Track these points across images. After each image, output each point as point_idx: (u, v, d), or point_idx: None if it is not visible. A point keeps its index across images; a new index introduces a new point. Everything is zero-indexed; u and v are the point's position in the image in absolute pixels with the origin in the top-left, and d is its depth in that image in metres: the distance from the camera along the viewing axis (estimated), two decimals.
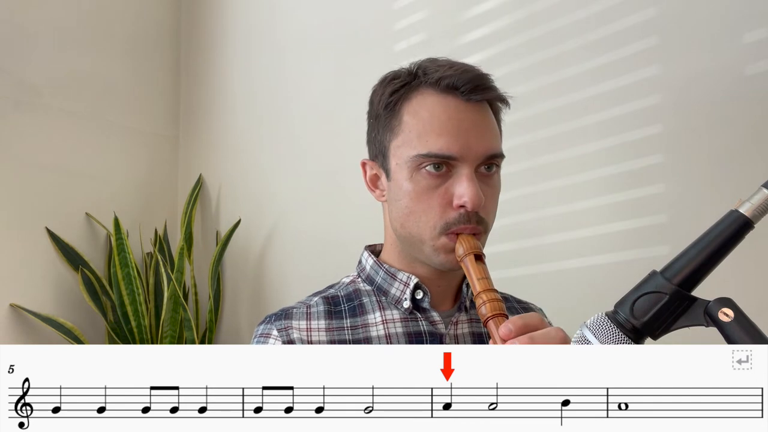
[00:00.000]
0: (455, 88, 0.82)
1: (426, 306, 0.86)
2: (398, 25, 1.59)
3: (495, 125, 0.86)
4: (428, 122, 0.81)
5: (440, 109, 0.82)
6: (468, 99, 0.82)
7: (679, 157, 1.18)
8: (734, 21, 1.14)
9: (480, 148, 0.81)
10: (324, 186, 1.71)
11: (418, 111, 0.83)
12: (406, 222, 0.84)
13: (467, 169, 0.80)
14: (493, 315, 0.74)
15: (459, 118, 0.81)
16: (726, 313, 0.58)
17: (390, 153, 0.85)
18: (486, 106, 0.85)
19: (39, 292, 1.71)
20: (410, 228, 0.84)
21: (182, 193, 2.05)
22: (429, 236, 0.82)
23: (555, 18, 1.34)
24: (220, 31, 2.03)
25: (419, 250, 0.85)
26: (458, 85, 0.81)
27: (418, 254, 0.86)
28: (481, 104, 0.83)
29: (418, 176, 0.82)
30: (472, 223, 0.81)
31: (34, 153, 1.74)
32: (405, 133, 0.83)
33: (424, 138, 0.81)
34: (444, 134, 0.80)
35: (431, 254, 0.83)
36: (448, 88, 0.82)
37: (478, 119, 0.82)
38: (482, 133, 0.82)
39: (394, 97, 0.85)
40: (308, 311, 0.87)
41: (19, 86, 1.73)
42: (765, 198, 0.60)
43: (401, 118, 0.84)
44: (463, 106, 0.82)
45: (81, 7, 1.89)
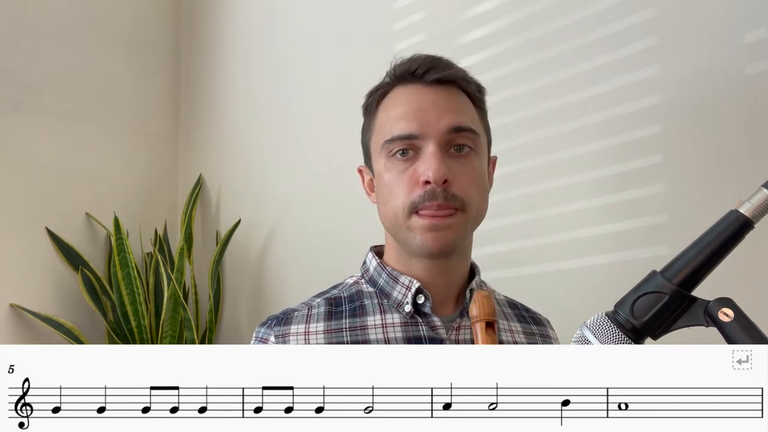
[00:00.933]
0: (411, 74, 0.85)
1: (427, 311, 0.86)
2: (398, 25, 1.59)
3: (463, 104, 0.86)
4: (392, 111, 0.85)
5: (402, 97, 0.85)
6: (426, 82, 0.85)
7: (679, 157, 1.18)
8: (734, 21, 1.14)
9: (441, 123, 0.82)
10: (324, 186, 1.71)
11: (388, 106, 0.87)
12: (386, 212, 0.85)
13: (431, 146, 0.82)
14: None
15: (418, 99, 0.84)
16: (726, 313, 0.59)
17: (371, 151, 0.89)
18: (453, 88, 0.86)
19: (39, 292, 1.71)
20: (389, 217, 0.85)
21: (182, 193, 2.05)
22: (402, 219, 0.83)
23: (555, 18, 1.34)
24: (220, 31, 2.03)
25: (402, 239, 0.85)
26: (412, 69, 0.85)
27: (403, 245, 0.86)
28: (445, 87, 0.85)
29: (389, 164, 0.84)
30: (438, 199, 0.80)
31: (34, 153, 1.74)
32: (378, 128, 0.87)
33: (388, 126, 0.84)
34: (404, 117, 0.83)
35: (409, 238, 0.83)
36: (407, 75, 0.86)
37: (439, 98, 0.84)
38: (444, 109, 0.83)
39: (371, 99, 0.90)
40: (309, 313, 0.87)
41: (19, 86, 1.73)
42: (765, 198, 0.60)
43: (377, 116, 0.88)
44: (423, 88, 0.85)
45: (81, 7, 1.89)
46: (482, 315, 0.77)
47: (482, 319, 0.76)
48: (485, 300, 0.78)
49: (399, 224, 0.83)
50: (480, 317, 0.77)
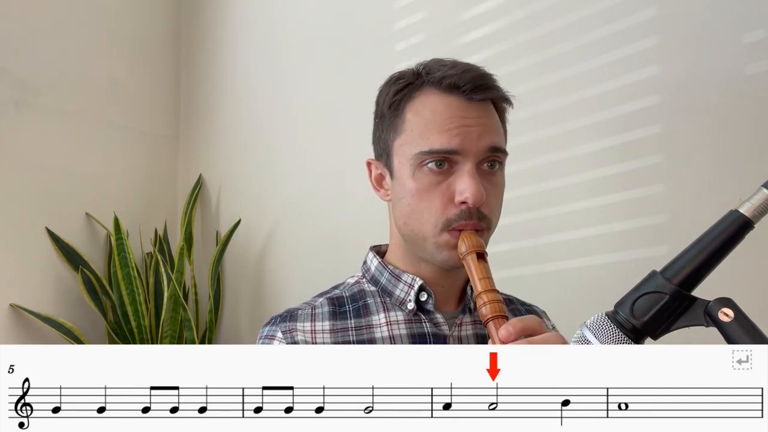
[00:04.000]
0: (457, 87, 0.82)
1: (430, 308, 0.87)
2: (398, 25, 1.59)
3: (498, 123, 0.86)
4: (430, 120, 0.82)
5: (442, 108, 0.82)
6: (470, 98, 0.82)
7: (679, 157, 1.18)
8: (734, 21, 1.14)
9: (481, 143, 0.82)
10: (324, 186, 1.71)
11: (421, 110, 0.84)
12: (409, 220, 0.84)
13: (469, 165, 0.81)
14: (493, 316, 0.74)
15: (460, 116, 0.82)
16: (726, 313, 0.59)
17: (393, 152, 0.86)
18: (489, 105, 0.85)
19: (39, 292, 1.70)
20: (413, 225, 0.84)
21: (182, 193, 2.05)
22: (431, 233, 0.83)
23: (555, 18, 1.34)
24: (220, 31, 2.03)
25: (422, 247, 0.85)
26: (460, 84, 0.82)
27: (421, 252, 0.86)
28: (483, 103, 0.84)
29: (420, 174, 0.82)
30: (473, 219, 0.81)
31: (34, 153, 1.74)
32: (408, 131, 0.84)
33: (426, 135, 0.82)
34: (445, 131, 0.81)
35: (434, 251, 0.84)
36: (450, 87, 0.83)
37: (480, 117, 0.83)
38: (484, 129, 0.82)
39: (398, 97, 0.86)
40: (313, 312, 0.87)
41: (19, 86, 1.73)
42: (765, 198, 0.60)
43: (404, 117, 0.85)
44: (465, 104, 0.82)
45: (81, 7, 1.89)
46: (470, 248, 0.79)
47: (471, 251, 0.79)
48: (470, 234, 0.80)
49: (425, 236, 0.83)
50: (469, 250, 0.79)
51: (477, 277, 0.78)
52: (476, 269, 0.78)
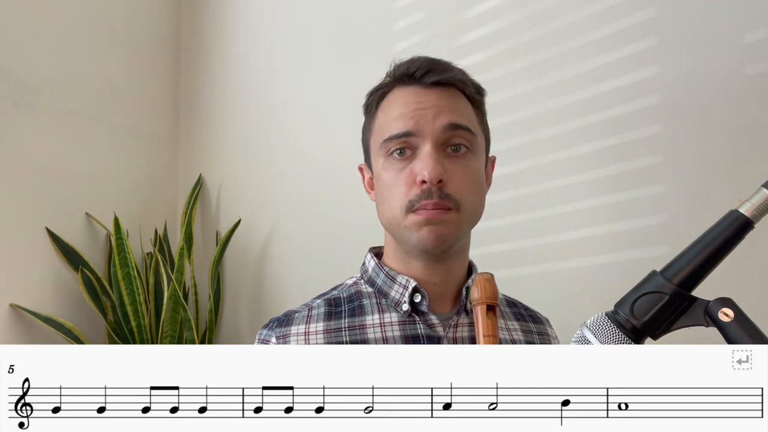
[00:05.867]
0: (410, 75, 0.86)
1: (424, 309, 0.87)
2: (398, 25, 1.59)
3: (460, 104, 0.87)
4: (391, 111, 0.86)
5: (401, 98, 0.87)
6: (425, 84, 0.86)
7: (679, 157, 1.18)
8: (734, 21, 1.14)
9: (437, 123, 0.83)
10: (324, 186, 1.71)
11: (387, 106, 0.88)
12: (384, 210, 0.87)
13: (427, 145, 0.83)
14: None
15: (417, 100, 0.85)
16: (726, 313, 0.59)
17: (371, 151, 0.90)
18: (452, 90, 0.87)
19: (39, 292, 1.70)
20: (387, 215, 0.86)
21: (182, 193, 2.05)
22: (399, 217, 0.84)
23: (554, 18, 1.34)
24: (219, 31, 2.03)
25: (399, 237, 0.86)
26: (411, 71, 0.86)
27: (402, 243, 0.87)
28: (444, 89, 0.86)
29: (387, 164, 0.86)
30: (433, 198, 0.81)
31: (34, 153, 1.74)
32: (377, 128, 0.89)
33: (386, 125, 0.86)
34: (401, 116, 0.84)
35: (406, 236, 0.84)
36: (405, 77, 0.87)
37: (437, 99, 0.85)
38: (441, 110, 0.84)
39: (371, 99, 0.92)
40: (309, 314, 0.88)
41: (19, 86, 1.73)
42: (765, 198, 0.60)
43: (377, 116, 0.90)
44: (422, 91, 0.86)
45: (81, 7, 1.89)
46: (483, 298, 0.79)
47: (483, 302, 0.79)
48: (487, 283, 0.80)
49: (397, 223, 0.85)
50: (481, 300, 0.79)
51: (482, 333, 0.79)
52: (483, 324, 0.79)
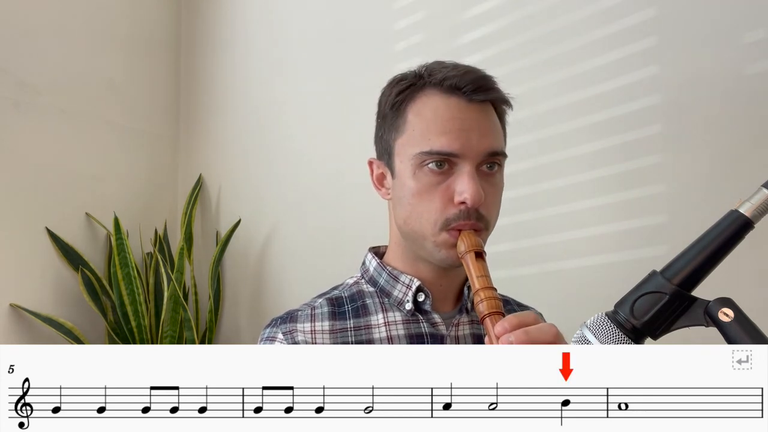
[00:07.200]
0: (458, 89, 0.83)
1: (427, 308, 0.87)
2: (398, 25, 1.59)
3: (497, 125, 0.87)
4: (431, 121, 0.83)
5: (443, 109, 0.83)
6: (470, 99, 0.83)
7: (679, 157, 1.18)
8: (734, 21, 1.14)
9: (481, 146, 0.82)
10: (324, 186, 1.71)
11: (422, 110, 0.85)
12: (409, 219, 0.85)
13: (468, 166, 0.82)
14: (489, 313, 0.75)
15: (461, 117, 0.83)
16: (726, 313, 0.59)
17: (395, 151, 0.87)
18: (489, 107, 0.86)
19: (39, 292, 1.70)
20: (413, 225, 0.85)
21: (182, 193, 2.05)
22: (430, 232, 0.83)
23: (554, 18, 1.34)
24: (219, 31, 2.03)
25: (421, 246, 0.86)
26: (461, 85, 0.83)
27: (421, 251, 0.87)
28: (483, 105, 0.85)
29: (420, 174, 0.83)
30: (471, 219, 0.82)
31: (34, 153, 1.74)
32: (409, 131, 0.85)
33: (427, 136, 0.83)
34: (446, 132, 0.82)
35: (433, 250, 0.85)
36: (452, 88, 0.84)
37: (480, 119, 0.84)
38: (484, 132, 0.83)
39: (399, 97, 0.87)
40: (312, 313, 0.88)
41: (19, 86, 1.73)
42: (765, 198, 0.60)
43: (406, 117, 0.86)
44: (466, 106, 0.83)
45: (81, 7, 1.89)
46: (469, 247, 0.80)
47: (470, 250, 0.80)
48: (469, 234, 0.82)
49: (425, 235, 0.84)
50: (468, 249, 0.80)
51: (475, 275, 0.79)
52: (474, 267, 0.79)
